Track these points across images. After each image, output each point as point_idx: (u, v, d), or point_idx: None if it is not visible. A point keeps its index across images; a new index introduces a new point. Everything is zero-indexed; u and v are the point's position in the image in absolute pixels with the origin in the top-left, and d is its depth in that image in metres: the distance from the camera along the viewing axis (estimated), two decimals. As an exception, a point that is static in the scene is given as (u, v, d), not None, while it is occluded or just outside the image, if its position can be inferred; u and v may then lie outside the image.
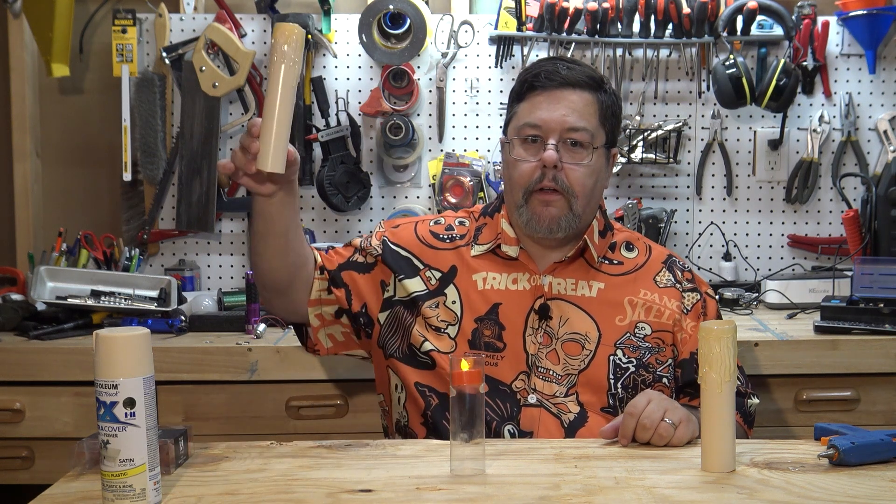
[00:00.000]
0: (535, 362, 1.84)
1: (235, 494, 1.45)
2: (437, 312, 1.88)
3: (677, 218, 2.91)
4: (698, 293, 1.93)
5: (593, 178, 1.86)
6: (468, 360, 1.51)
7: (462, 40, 2.84)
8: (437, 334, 1.87)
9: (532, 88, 1.87)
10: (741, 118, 2.91)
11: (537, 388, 1.82)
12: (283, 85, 1.64)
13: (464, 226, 1.98)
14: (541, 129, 1.84)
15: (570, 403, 1.82)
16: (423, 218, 2.02)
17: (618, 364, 1.84)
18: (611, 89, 1.91)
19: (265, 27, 2.87)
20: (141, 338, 1.39)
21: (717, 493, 1.43)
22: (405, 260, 1.93)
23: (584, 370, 1.83)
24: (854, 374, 2.34)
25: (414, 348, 1.87)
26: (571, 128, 1.84)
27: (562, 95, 1.85)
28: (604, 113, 1.87)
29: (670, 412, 1.65)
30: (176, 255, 2.94)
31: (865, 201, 2.77)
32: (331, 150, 2.83)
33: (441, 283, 1.90)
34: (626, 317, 1.88)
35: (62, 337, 2.44)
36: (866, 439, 1.54)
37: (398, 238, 1.96)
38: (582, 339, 1.85)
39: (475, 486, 1.47)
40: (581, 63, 1.93)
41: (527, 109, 1.87)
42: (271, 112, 1.64)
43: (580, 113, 1.84)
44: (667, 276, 1.94)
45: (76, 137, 2.99)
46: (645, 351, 1.86)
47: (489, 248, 1.92)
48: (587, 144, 1.84)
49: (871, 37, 2.81)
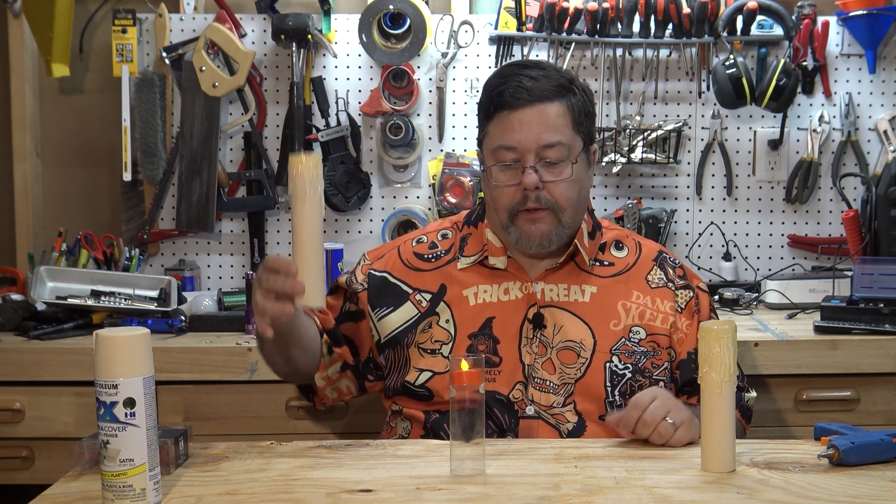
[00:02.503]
0: (532, 373, 1.82)
1: (235, 494, 1.45)
2: (431, 334, 1.86)
3: (677, 218, 2.91)
4: (690, 289, 1.92)
5: (577, 188, 1.83)
6: (468, 360, 1.52)
7: (462, 40, 2.84)
8: (431, 357, 1.85)
9: (499, 108, 1.81)
10: (741, 118, 2.91)
11: (534, 399, 1.81)
12: (312, 218, 1.59)
13: (447, 239, 1.95)
14: (516, 151, 1.80)
15: (568, 413, 1.80)
16: (405, 238, 1.99)
17: (614, 371, 1.82)
18: (580, 87, 1.85)
19: (265, 27, 2.87)
20: (141, 338, 1.39)
21: (717, 493, 1.43)
22: (392, 287, 1.91)
23: (581, 378, 1.81)
24: (854, 374, 2.33)
25: (408, 385, 1.85)
26: (547, 145, 1.79)
27: (532, 113, 1.79)
28: (577, 117, 1.83)
29: (674, 412, 1.65)
30: (176, 255, 2.93)
31: (865, 201, 2.77)
32: (331, 150, 2.83)
33: (432, 304, 1.88)
34: (620, 321, 1.86)
35: (62, 337, 2.43)
36: (866, 439, 1.54)
37: (384, 265, 1.94)
38: (577, 347, 1.83)
39: (475, 486, 1.47)
40: (544, 65, 1.88)
41: (499, 131, 1.82)
42: (306, 249, 1.59)
43: (553, 128, 1.80)
44: (658, 274, 1.92)
45: (76, 137, 2.99)
46: (640, 356, 1.84)
47: (476, 261, 1.89)
48: (566, 158, 1.81)
49: (871, 37, 2.81)
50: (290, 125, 2.84)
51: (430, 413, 1.85)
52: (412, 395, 1.86)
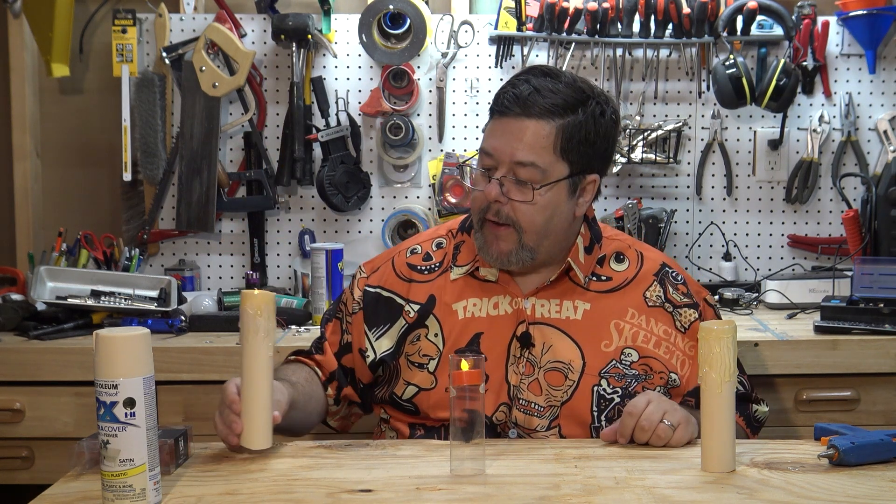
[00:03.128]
0: (517, 394, 1.78)
1: (235, 494, 1.45)
2: (419, 346, 1.83)
3: (677, 218, 2.91)
4: (695, 309, 1.84)
5: (545, 215, 1.75)
6: (468, 361, 1.51)
7: (462, 40, 2.84)
8: (419, 371, 1.82)
9: (494, 110, 1.78)
10: (741, 118, 2.91)
11: (518, 421, 1.78)
12: (259, 358, 1.57)
13: (441, 249, 1.91)
14: (493, 158, 1.76)
15: (553, 437, 1.77)
16: (400, 248, 1.95)
17: (602, 395, 1.77)
18: (592, 109, 1.76)
19: (265, 27, 2.87)
20: (141, 338, 1.39)
21: (717, 493, 1.43)
22: (387, 301, 1.88)
23: (567, 402, 1.77)
24: (854, 374, 2.34)
25: (395, 397, 1.84)
26: (518, 162, 1.73)
27: (516, 126, 1.74)
28: (566, 143, 1.74)
29: (670, 414, 1.65)
30: (176, 255, 2.93)
31: (865, 201, 2.76)
32: (331, 150, 2.83)
33: (420, 316, 1.84)
34: (612, 342, 1.80)
35: (62, 337, 2.43)
36: (866, 439, 1.54)
37: (378, 280, 1.90)
38: (565, 369, 1.78)
39: (475, 486, 1.47)
40: (562, 79, 1.77)
41: (488, 133, 1.79)
42: (252, 389, 1.57)
43: (531, 147, 1.72)
44: (657, 291, 1.84)
45: (76, 137, 2.99)
46: (631, 379, 1.79)
47: (468, 271, 1.85)
48: (537, 181, 1.73)
49: (871, 37, 2.81)
50: (290, 125, 2.84)
51: (416, 428, 1.84)
52: (399, 408, 1.84)
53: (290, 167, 2.85)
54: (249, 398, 1.58)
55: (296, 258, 2.90)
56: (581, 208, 1.81)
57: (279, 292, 2.74)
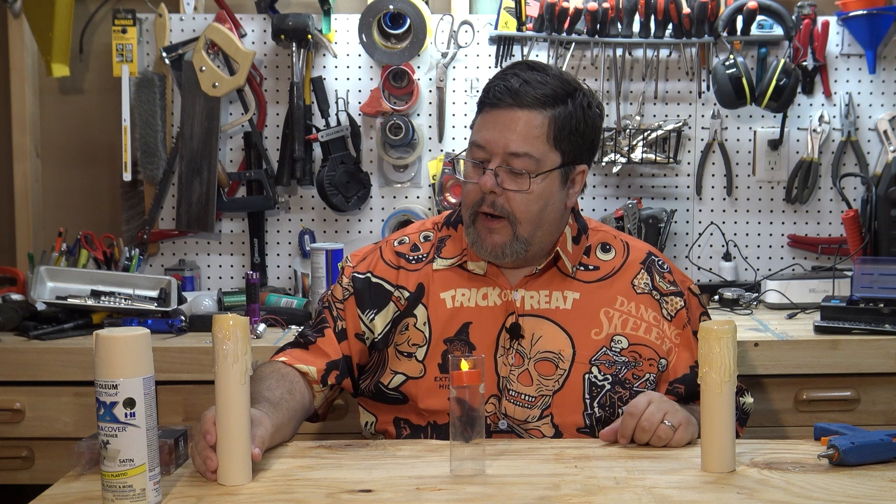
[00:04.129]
0: (506, 385, 1.79)
1: (235, 494, 1.45)
2: (408, 336, 1.83)
3: (677, 218, 2.91)
4: (680, 297, 1.86)
5: (539, 204, 1.77)
6: (468, 361, 1.51)
7: (462, 40, 2.84)
8: (407, 360, 1.82)
9: (484, 103, 1.79)
10: (741, 118, 2.91)
11: (508, 412, 1.78)
12: (232, 386, 1.47)
13: (428, 241, 1.91)
14: (485, 151, 1.77)
15: (545, 427, 1.78)
16: (388, 239, 1.95)
17: (593, 382, 1.79)
18: (581, 103, 1.79)
19: (265, 27, 2.87)
20: (141, 338, 1.39)
21: (717, 493, 1.44)
22: (376, 287, 1.87)
23: (559, 391, 1.78)
24: (854, 374, 2.34)
25: (381, 386, 1.83)
26: (513, 153, 1.74)
27: (508, 117, 1.75)
28: (559, 132, 1.76)
29: (670, 414, 1.65)
30: (176, 255, 2.94)
31: (865, 201, 2.77)
32: (331, 150, 2.83)
33: (409, 304, 1.84)
34: (601, 330, 1.81)
35: (62, 337, 2.43)
36: (866, 439, 1.54)
37: (368, 266, 1.89)
38: (555, 358, 1.79)
39: (475, 486, 1.47)
40: (549, 71, 1.80)
41: (479, 125, 1.80)
42: (227, 420, 1.47)
43: (524, 137, 1.74)
44: (644, 279, 1.86)
45: (76, 137, 2.99)
46: (621, 366, 1.80)
47: (454, 264, 1.85)
48: (532, 171, 1.75)
49: (871, 37, 2.81)
50: (290, 125, 2.84)
51: (401, 426, 1.83)
52: (384, 399, 1.84)
53: (290, 167, 2.85)
54: (224, 430, 1.47)
55: (296, 258, 2.90)
56: (572, 199, 1.84)
57: (279, 292, 2.75)
